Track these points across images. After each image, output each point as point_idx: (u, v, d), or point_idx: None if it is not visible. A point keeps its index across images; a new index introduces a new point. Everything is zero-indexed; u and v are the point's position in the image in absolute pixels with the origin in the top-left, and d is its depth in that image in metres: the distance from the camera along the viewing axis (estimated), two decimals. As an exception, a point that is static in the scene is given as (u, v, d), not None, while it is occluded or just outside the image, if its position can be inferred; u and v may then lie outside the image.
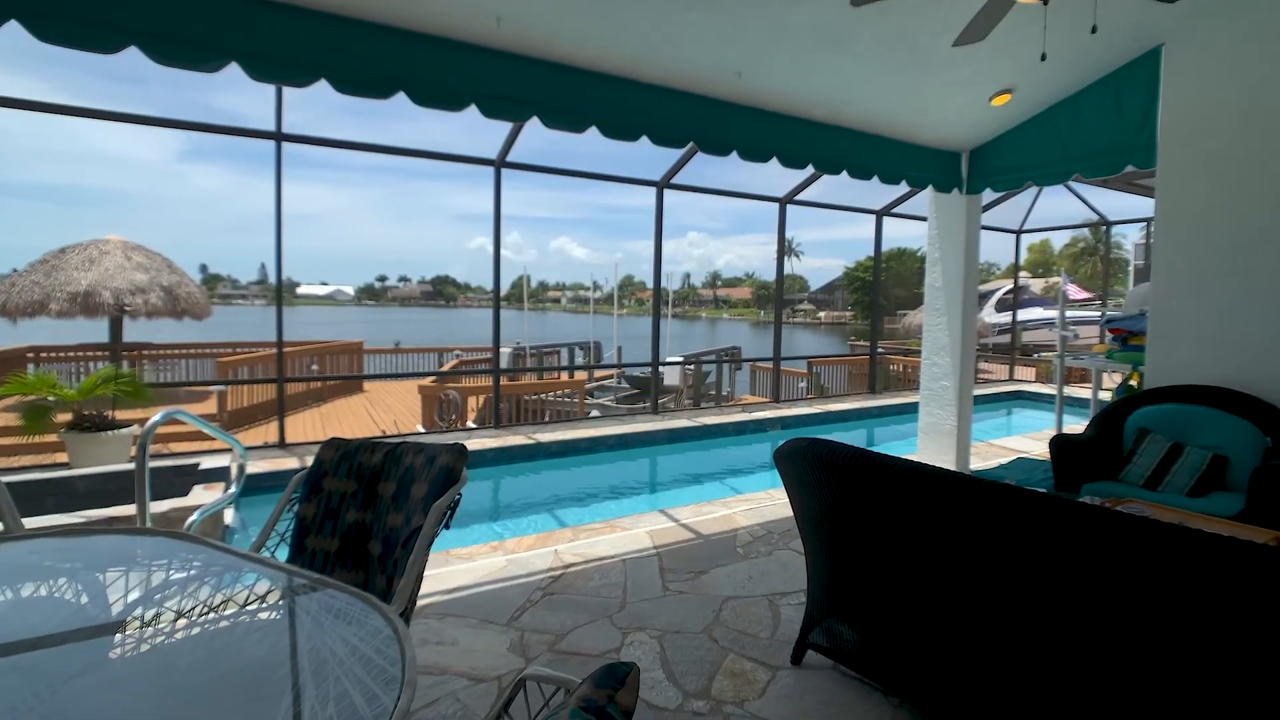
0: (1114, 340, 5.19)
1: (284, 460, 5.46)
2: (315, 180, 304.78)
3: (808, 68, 4.19)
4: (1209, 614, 1.48)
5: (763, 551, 3.70)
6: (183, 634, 1.47)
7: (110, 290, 9.13)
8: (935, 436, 5.77)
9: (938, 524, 1.95)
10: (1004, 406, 10.35)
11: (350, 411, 9.99)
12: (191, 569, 1.67)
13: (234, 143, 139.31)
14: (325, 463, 2.10)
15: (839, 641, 2.44)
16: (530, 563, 3.49)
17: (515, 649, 2.64)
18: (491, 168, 6.68)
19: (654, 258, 8.00)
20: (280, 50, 2.96)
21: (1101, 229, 11.96)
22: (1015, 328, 12.83)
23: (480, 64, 3.47)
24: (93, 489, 3.97)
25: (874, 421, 8.82)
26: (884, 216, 9.66)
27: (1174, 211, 4.20)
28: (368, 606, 1.44)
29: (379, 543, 1.95)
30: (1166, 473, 3.52)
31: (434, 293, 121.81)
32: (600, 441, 6.58)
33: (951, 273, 5.74)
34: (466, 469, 1.96)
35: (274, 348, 6.11)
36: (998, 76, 4.61)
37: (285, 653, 1.34)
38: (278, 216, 5.92)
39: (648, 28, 3.59)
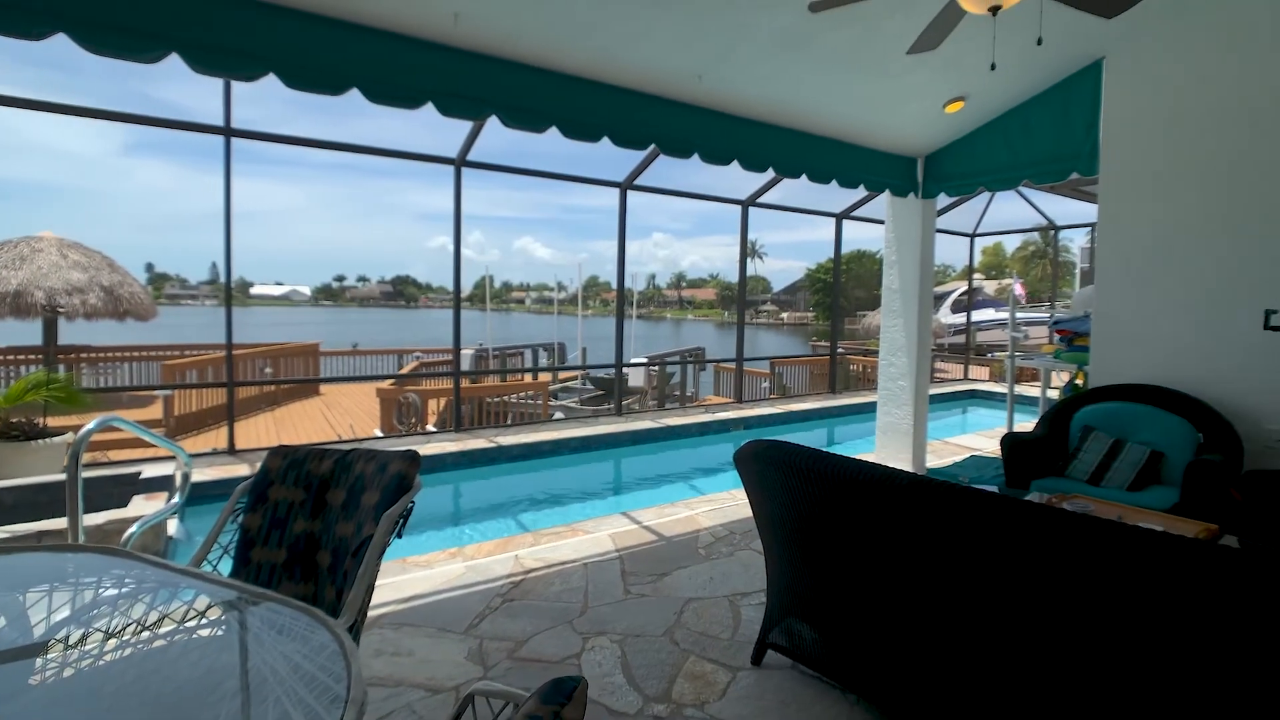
0: (1061, 341, 5.39)
1: (234, 467, 5.26)
2: (271, 177, 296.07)
3: (768, 72, 4.23)
4: (1146, 606, 1.54)
5: (724, 552, 3.72)
6: (112, 656, 1.39)
7: (43, 290, 8.67)
8: (893, 435, 5.89)
9: (890, 524, 1.98)
10: (959, 405, 10.65)
11: (305, 415, 9.71)
12: (124, 586, 1.58)
13: (182, 137, 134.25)
14: (272, 471, 2.02)
15: (798, 641, 2.46)
16: (490, 569, 3.43)
17: (474, 658, 2.59)
18: (452, 167, 6.57)
19: (617, 259, 7.99)
20: (226, 42, 2.85)
21: (1050, 233, 12.43)
22: (970, 328, 13.22)
23: (437, 61, 3.41)
24: (21, 501, 3.75)
25: (834, 421, 8.97)
26: (844, 219, 9.84)
27: (1114, 217, 4.38)
28: (313, 621, 1.39)
29: (328, 553, 1.88)
30: (1108, 469, 3.66)
31: (394, 293, 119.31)
32: (563, 444, 6.52)
33: (908, 275, 5.87)
34: (422, 475, 1.92)
35: (224, 350, 5.89)
36: (951, 84, 4.73)
37: (223, 673, 1.28)
38: (227, 214, 5.71)
39: (609, 28, 3.58)
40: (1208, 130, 3.93)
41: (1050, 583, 1.68)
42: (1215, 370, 3.89)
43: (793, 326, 62.08)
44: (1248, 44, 3.76)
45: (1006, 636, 1.81)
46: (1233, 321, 3.82)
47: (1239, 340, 3.79)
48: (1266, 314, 3.54)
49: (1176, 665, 1.52)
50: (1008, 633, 1.80)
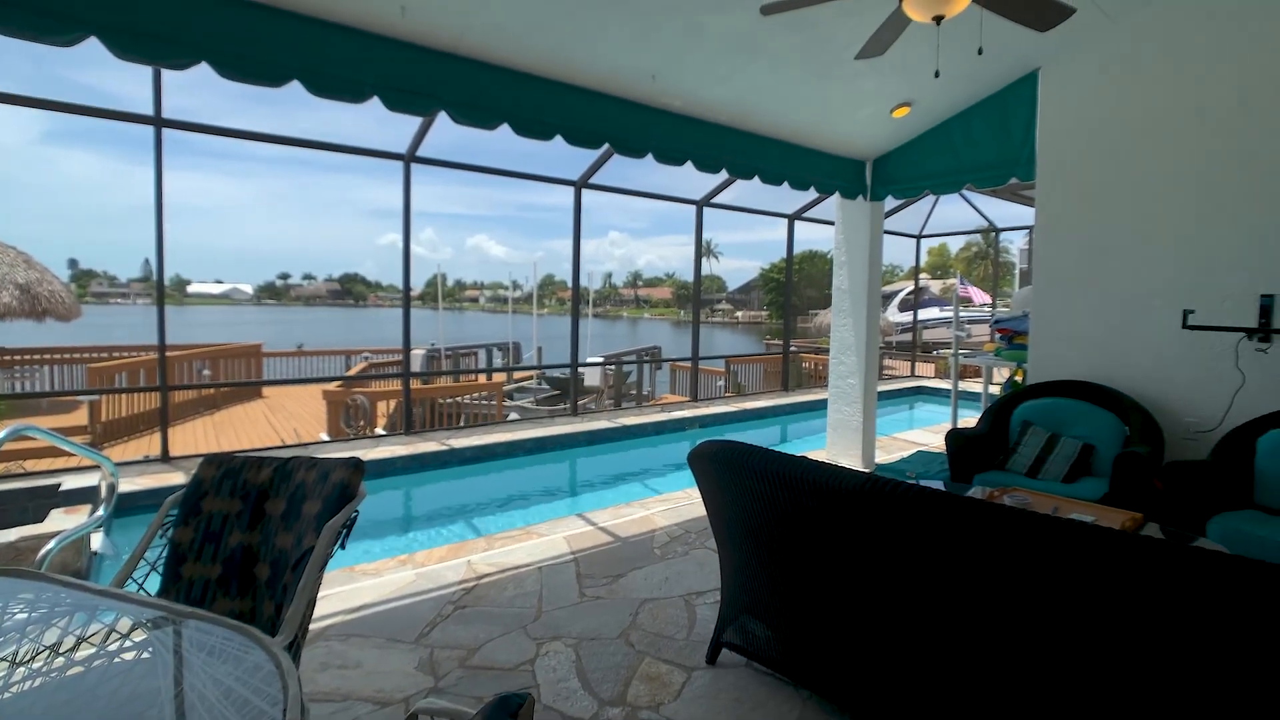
0: (1001, 339, 5.60)
1: (168, 475, 5.00)
2: (212, 170, 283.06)
3: (721, 74, 4.25)
4: (1078, 595, 1.60)
5: (679, 552, 3.73)
6: (20, 686, 1.29)
7: (-49, 288, 8.06)
8: (843, 432, 6.03)
9: (839, 523, 2.01)
10: (906, 401, 10.98)
11: (247, 419, 9.31)
12: (35, 610, 1.47)
13: (111, 126, 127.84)
14: (205, 481, 1.91)
15: (751, 639, 2.48)
16: (441, 575, 3.35)
17: (424, 668, 2.52)
18: (401, 162, 6.40)
19: (573, 257, 7.93)
20: (153, 27, 2.69)
21: (991, 235, 12.94)
22: (916, 327, 13.65)
23: (384, 54, 3.30)
24: (-74, 516, 3.47)
25: (788, 418, 9.13)
26: (796, 220, 10.01)
27: (1049, 221, 4.58)
28: (248, 640, 1.32)
29: (267, 566, 1.80)
30: (1045, 462, 3.83)
31: (342, 292, 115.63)
32: (517, 445, 6.44)
33: (857, 275, 6.01)
34: (370, 480, 1.85)
35: (157, 351, 5.59)
36: (899, 90, 4.86)
37: (146, 700, 1.20)
38: (158, 208, 5.43)
39: (561, 25, 3.53)
40: (1135, 140, 4.15)
41: (992, 576, 1.74)
42: (1140, 367, 4.11)
43: (747, 325, 62.99)
44: (1176, 58, 3.98)
45: (954, 629, 1.86)
46: (1155, 321, 4.05)
47: (1160, 339, 4.02)
48: (1184, 314, 3.75)
49: (1112, 652, 1.59)
50: (955, 626, 1.85)
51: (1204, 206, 3.88)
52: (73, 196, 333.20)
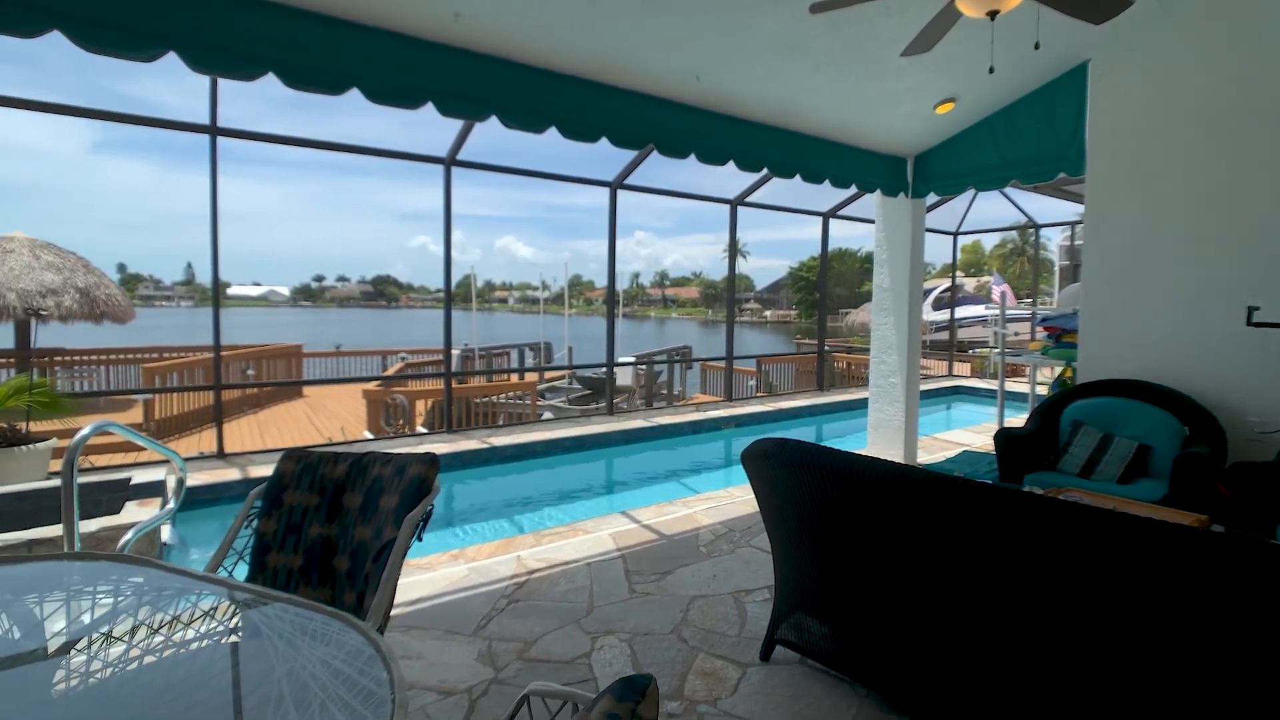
0: (1048, 338, 5.50)
1: (224, 472, 5.18)
2: (246, 176, 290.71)
3: (764, 74, 4.26)
4: (1150, 594, 1.58)
5: (725, 550, 3.74)
6: (137, 665, 1.37)
7: (15, 292, 8.44)
8: (884, 432, 5.97)
9: (897, 518, 2.01)
10: (944, 401, 10.81)
11: (290, 418, 9.57)
12: (142, 594, 1.56)
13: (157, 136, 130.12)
14: (285, 475, 2.00)
15: (806, 636, 2.49)
16: (493, 570, 3.42)
17: (484, 659, 2.58)
18: (441, 166, 6.52)
19: (608, 258, 7.98)
20: (225, 41, 2.81)
21: (1029, 231, 12.66)
22: (953, 325, 13.41)
23: (438, 61, 3.39)
24: (6, 509, 3.66)
25: (823, 418, 9.06)
26: (830, 218, 9.92)
27: (1101, 216, 4.48)
28: (344, 625, 1.38)
29: (346, 557, 1.87)
30: (1098, 462, 3.75)
31: (375, 293, 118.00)
32: (556, 444, 6.52)
33: (898, 274, 5.95)
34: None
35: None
36: (942, 85, 4.80)
37: (260, 678, 1.27)
38: (213, 214, 5.62)
39: (608, 29, 3.58)
40: (1193, 131, 4.04)
41: (1062, 575, 1.72)
42: (1199, 365, 4.00)
43: (776, 324, 62.51)
44: (1232, 46, 3.87)
45: (1015, 627, 1.85)
46: (1215, 318, 3.93)
47: (1221, 336, 3.91)
48: (1249, 310, 3.64)
49: (1182, 652, 1.57)
50: (1017, 624, 1.84)
51: (1268, 199, 3.76)
52: (120, 203, 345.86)
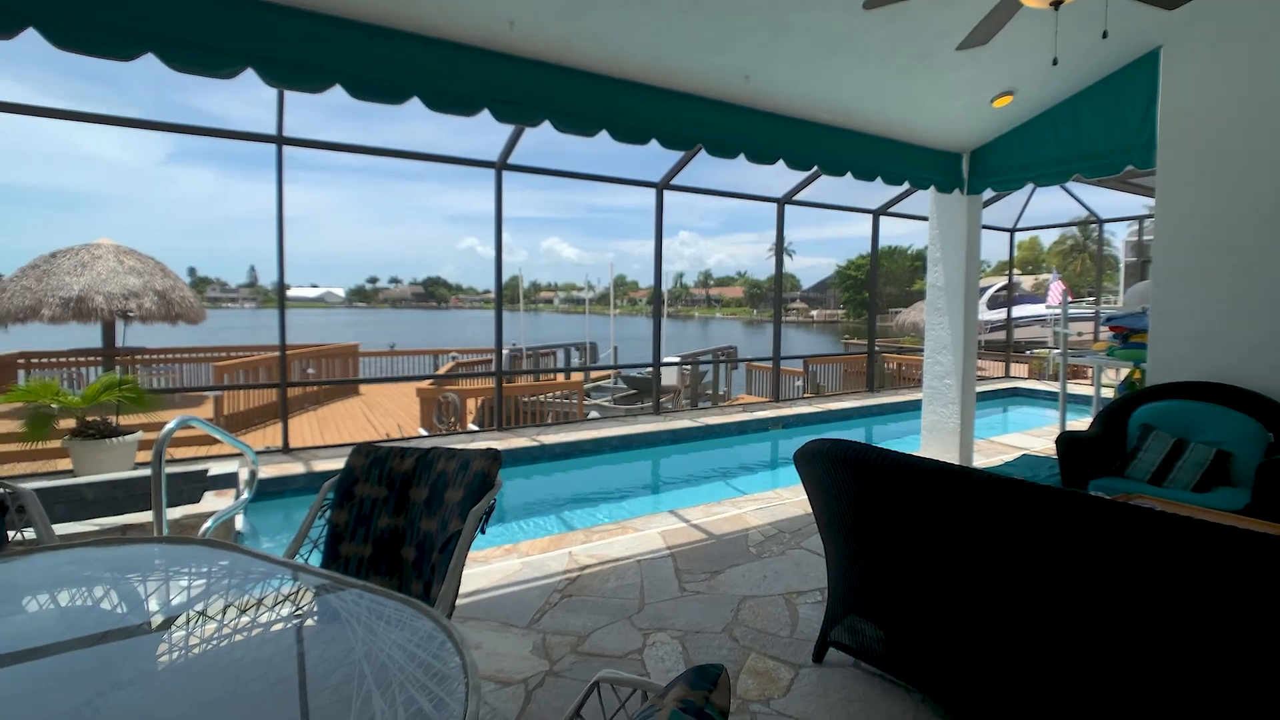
0: (1114, 338, 5.26)
1: (289, 465, 5.43)
2: (303, 182, 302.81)
3: (814, 71, 4.22)
4: (1228, 606, 1.52)
5: (775, 551, 3.73)
6: (229, 642, 1.47)
7: (103, 295, 9.04)
8: (939, 434, 5.83)
9: (959, 521, 1.98)
10: (1000, 404, 10.45)
11: (348, 415, 9.94)
12: (231, 576, 1.67)
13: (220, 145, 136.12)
14: (356, 469, 2.10)
15: (861, 639, 2.47)
16: (545, 565, 3.50)
17: (538, 651, 2.65)
18: (493, 170, 6.68)
19: (654, 258, 8.02)
20: (296, 56, 2.96)
21: (1090, 227, 12.11)
22: (1010, 325, 12.95)
23: (493, 68, 3.48)
24: (101, 497, 3.94)
25: (873, 420, 8.89)
26: (880, 216, 9.73)
27: (1173, 210, 4.27)
28: (415, 611, 1.46)
29: (413, 548, 1.96)
30: (1171, 469, 3.58)
31: (425, 294, 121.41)
32: (604, 443, 6.59)
33: (953, 272, 5.80)
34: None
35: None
36: (999, 78, 4.66)
37: (342, 659, 1.35)
38: (279, 219, 5.89)
39: (658, 32, 3.61)
40: (1272, 116, 3.81)
41: (1127, 583, 1.67)
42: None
43: (822, 324, 61.47)
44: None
45: (1084, 640, 1.80)
46: (1303, 317, 3.70)
47: (1309, 336, 3.67)
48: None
49: (1262, 667, 1.50)
50: (1086, 636, 1.79)
51: (1362, 190, 3.51)
52: (189, 210, 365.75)
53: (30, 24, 2.36)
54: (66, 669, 1.38)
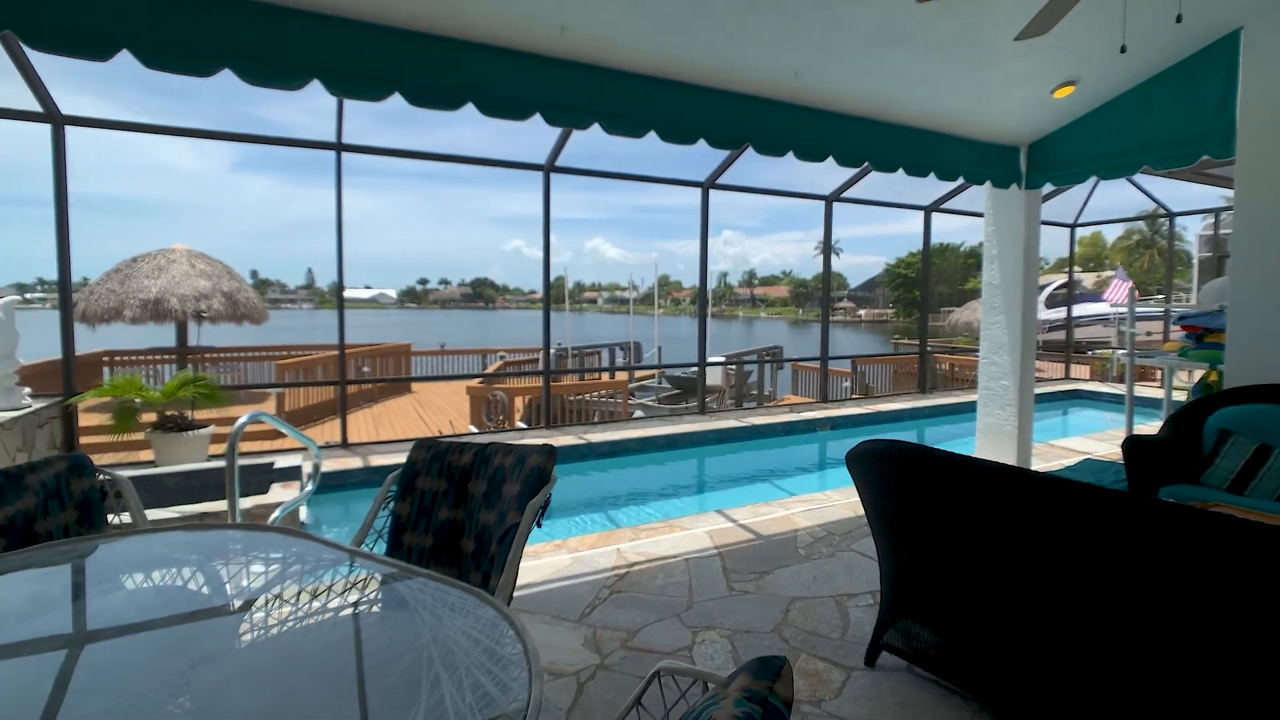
0: (1187, 337, 5.00)
1: (347, 460, 5.65)
2: (355, 187, 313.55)
3: (866, 66, 4.16)
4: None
5: (825, 553, 3.69)
6: (303, 623, 1.56)
7: (177, 297, 9.58)
8: (995, 437, 5.65)
9: (1023, 525, 1.93)
10: (1059, 406, 10.05)
11: (401, 412, 10.25)
12: (304, 563, 1.77)
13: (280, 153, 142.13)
14: (418, 463, 2.18)
15: (915, 643, 2.43)
16: (594, 561, 3.55)
17: (589, 645, 2.70)
18: (541, 172, 6.80)
19: (699, 258, 8.02)
20: (358, 66, 3.09)
21: (1161, 220, 11.49)
22: (1070, 324, 12.42)
23: (545, 73, 3.55)
24: (180, 486, 4.20)
25: (925, 422, 8.66)
26: (932, 212, 9.48)
27: (1254, 202, 4.03)
28: (478, 600, 1.51)
29: (471, 540, 2.03)
30: (1254, 476, 3.38)
31: (473, 295, 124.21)
32: (650, 442, 6.62)
33: (1010, 270, 5.61)
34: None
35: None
36: (1062, 68, 4.49)
37: (408, 643, 1.41)
38: (339, 223, 6.14)
39: (707, 32, 3.62)
40: (1369, 104, 3.56)
41: (1206, 596, 1.60)
42: (1379, 369, 3.52)
43: (871, 324, 60.16)
44: None
45: (1154, 652, 1.73)
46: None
47: None
48: None
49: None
50: (1155, 648, 1.72)
51: None
52: (251, 215, 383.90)
53: (125, 46, 2.54)
54: (162, 642, 1.49)
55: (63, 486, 2.00)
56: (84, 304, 9.29)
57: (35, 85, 4.60)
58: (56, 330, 5.00)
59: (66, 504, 1.99)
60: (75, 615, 1.59)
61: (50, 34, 2.48)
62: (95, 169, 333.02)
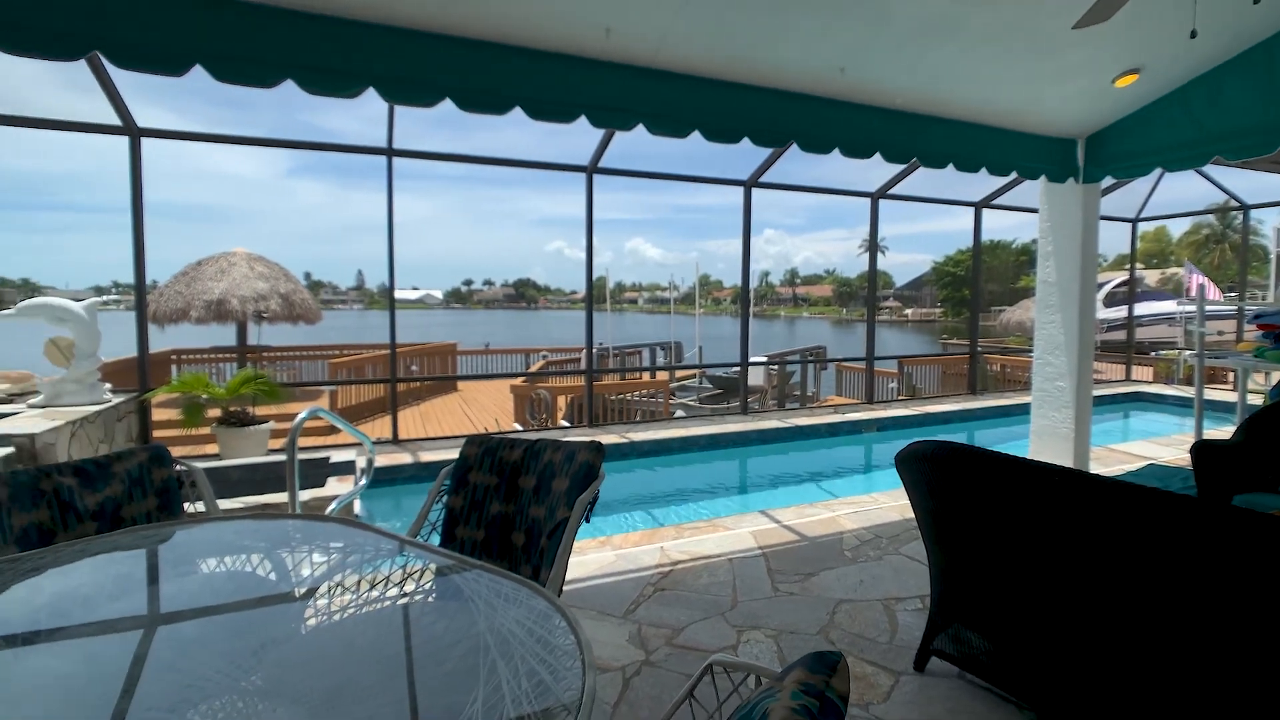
0: (1264, 337, 4.73)
1: (398, 455, 5.82)
2: (399, 190, 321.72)
3: (914, 60, 4.07)
4: None
5: (872, 555, 3.63)
6: (363, 610, 1.63)
7: (238, 298, 10.02)
8: (1050, 440, 5.46)
9: (1085, 531, 1.87)
10: (1120, 409, 9.62)
11: (447, 410, 10.50)
12: (363, 553, 1.84)
13: (331, 159, 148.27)
14: (470, 458, 2.25)
15: (967, 649, 2.37)
16: (638, 558, 3.58)
17: (634, 641, 2.72)
18: (584, 174, 6.87)
19: (742, 257, 7.98)
20: (413, 74, 3.19)
21: (1233, 214, 10.88)
22: (1131, 323, 11.87)
23: (590, 76, 3.60)
24: (243, 478, 4.40)
25: (975, 424, 8.42)
26: (983, 209, 9.21)
27: (1339, 194, 3.79)
28: (531, 592, 1.55)
29: (522, 533, 2.07)
30: (1335, 483, 3.19)
31: (516, 295, 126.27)
32: (692, 441, 6.62)
33: (1066, 267, 5.41)
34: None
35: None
36: (1123, 56, 4.31)
37: (464, 631, 1.46)
38: (389, 225, 6.33)
39: (751, 30, 3.61)
40: None
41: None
42: None
43: (917, 324, 58.68)
44: None
45: (1223, 667, 1.65)
46: None
47: None
48: None
49: None
50: (1225, 663, 1.65)
51: None
52: (304, 218, 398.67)
53: (198, 62, 2.69)
54: (234, 624, 1.57)
55: (144, 475, 2.13)
56: (154, 305, 9.81)
57: (115, 100, 4.90)
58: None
59: (148, 492, 2.12)
60: (155, 597, 1.70)
61: (132, 52, 2.64)
62: (162, 176, 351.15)
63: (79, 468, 2.03)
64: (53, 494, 1.92)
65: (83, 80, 4.63)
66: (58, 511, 1.91)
